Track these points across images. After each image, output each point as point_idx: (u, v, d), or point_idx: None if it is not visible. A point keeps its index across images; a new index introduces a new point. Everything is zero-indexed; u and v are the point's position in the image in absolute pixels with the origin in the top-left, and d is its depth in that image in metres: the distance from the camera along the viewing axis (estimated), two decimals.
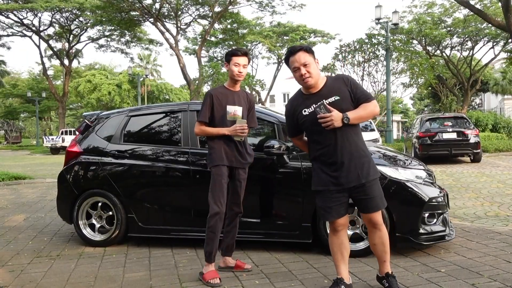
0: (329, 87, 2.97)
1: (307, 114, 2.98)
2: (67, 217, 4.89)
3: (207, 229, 3.58)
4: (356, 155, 2.92)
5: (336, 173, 2.92)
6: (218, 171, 3.59)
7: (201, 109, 3.65)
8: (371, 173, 2.94)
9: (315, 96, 2.97)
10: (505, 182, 8.84)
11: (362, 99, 2.94)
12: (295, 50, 2.98)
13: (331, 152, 2.93)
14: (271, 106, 54.96)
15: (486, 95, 47.75)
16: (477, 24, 27.97)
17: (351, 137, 2.93)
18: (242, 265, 3.75)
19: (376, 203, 2.97)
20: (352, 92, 2.94)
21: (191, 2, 29.46)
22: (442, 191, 4.23)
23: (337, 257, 3.08)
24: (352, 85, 2.96)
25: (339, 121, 2.84)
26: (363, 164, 2.93)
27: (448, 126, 13.39)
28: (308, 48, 3.00)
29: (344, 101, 2.92)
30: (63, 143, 28.04)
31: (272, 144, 4.12)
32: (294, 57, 2.96)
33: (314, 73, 2.94)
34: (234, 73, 3.63)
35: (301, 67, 2.93)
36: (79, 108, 57.12)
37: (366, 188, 2.93)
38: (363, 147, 2.98)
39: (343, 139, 2.90)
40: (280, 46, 38.36)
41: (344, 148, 2.90)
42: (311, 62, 2.95)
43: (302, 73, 2.92)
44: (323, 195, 3.00)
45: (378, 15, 19.64)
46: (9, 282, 3.65)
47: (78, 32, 37.88)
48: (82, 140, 5.00)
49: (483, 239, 4.47)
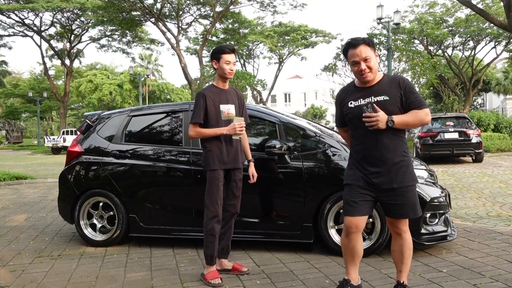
0: (382, 85, 2.83)
1: (352, 107, 2.85)
2: (68, 217, 4.89)
3: (206, 232, 3.54)
4: (394, 160, 2.78)
5: (371, 173, 2.81)
6: (215, 175, 3.54)
7: (194, 111, 3.55)
8: (406, 179, 2.79)
9: (365, 90, 2.84)
10: (507, 182, 8.82)
11: (414, 105, 2.77)
12: (356, 42, 2.78)
13: (368, 151, 2.81)
14: (273, 106, 54.98)
15: (488, 95, 47.68)
16: (479, 24, 27.91)
17: (392, 140, 2.79)
18: (240, 267, 3.69)
19: (405, 211, 2.82)
20: (404, 96, 2.78)
21: (192, 2, 29.47)
22: (443, 191, 4.22)
23: (346, 258, 2.98)
24: (406, 89, 2.79)
25: (384, 123, 2.71)
26: (399, 168, 2.79)
27: (450, 126, 13.37)
28: (370, 42, 2.82)
29: (392, 103, 2.77)
30: (64, 143, 28.02)
31: (273, 144, 4.12)
32: (355, 50, 2.78)
33: (374, 69, 2.80)
34: (226, 71, 3.55)
35: (361, 61, 2.76)
36: (80, 108, 57.19)
37: (397, 193, 2.79)
38: (404, 153, 2.83)
39: (383, 141, 2.77)
40: (281, 46, 38.36)
41: (383, 151, 2.78)
42: (372, 56, 2.79)
43: (362, 68, 2.77)
44: (350, 188, 2.87)
45: (379, 14, 19.60)
46: (10, 282, 3.65)
47: (80, 32, 37.92)
48: (83, 140, 5.00)
49: (485, 239, 4.46)
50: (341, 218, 4.10)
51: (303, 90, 60.32)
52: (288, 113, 5.09)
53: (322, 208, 4.07)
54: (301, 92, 60.54)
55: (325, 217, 4.06)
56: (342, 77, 24.86)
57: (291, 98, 61.36)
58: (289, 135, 4.35)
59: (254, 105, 5.03)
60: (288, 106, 58.49)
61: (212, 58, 3.64)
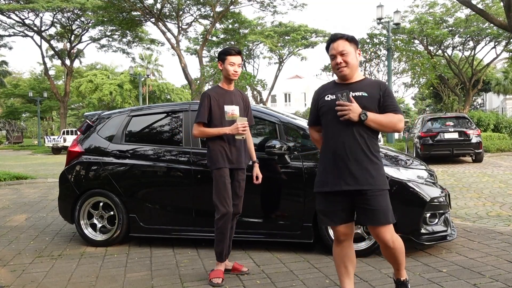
0: (363, 84, 2.79)
1: (328, 100, 2.79)
2: (68, 217, 4.89)
3: (216, 230, 3.56)
4: (365, 159, 2.67)
5: (340, 173, 2.68)
6: (221, 173, 3.56)
7: (199, 110, 3.59)
8: (377, 183, 2.67)
9: (344, 86, 2.79)
10: (507, 182, 8.82)
11: (389, 108, 2.74)
12: (336, 37, 2.80)
13: (338, 147, 2.70)
14: (273, 106, 54.99)
15: (488, 95, 47.69)
16: (479, 24, 27.93)
17: (363, 138, 2.69)
18: (240, 267, 3.71)
19: (377, 217, 2.66)
20: (383, 98, 2.75)
21: (192, 2, 29.48)
22: (443, 191, 4.22)
23: (340, 271, 2.82)
24: (386, 92, 2.77)
25: (357, 114, 2.62)
26: (371, 170, 2.67)
27: (450, 126, 13.37)
28: (350, 38, 2.79)
29: (369, 101, 2.72)
30: (65, 143, 28.05)
31: (273, 144, 4.12)
32: (333, 44, 2.78)
33: (351, 64, 2.75)
34: (230, 72, 3.61)
35: (337, 55, 2.75)
36: (80, 108, 57.21)
37: (369, 197, 2.65)
38: (375, 154, 2.73)
39: (354, 137, 2.67)
40: (281, 46, 38.36)
41: (352, 147, 2.67)
42: (350, 52, 2.76)
43: (338, 61, 2.75)
44: (323, 197, 2.76)
45: (379, 15, 19.61)
46: (10, 282, 3.65)
47: (80, 32, 37.95)
48: (84, 140, 5.01)
49: (484, 239, 4.47)
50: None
51: (303, 90, 60.30)
52: (288, 113, 5.09)
53: None
54: (301, 92, 60.53)
55: None
56: None
57: (291, 98, 61.37)
58: (289, 135, 4.36)
59: (254, 105, 5.03)
60: (288, 106, 58.49)
61: (218, 59, 3.72)
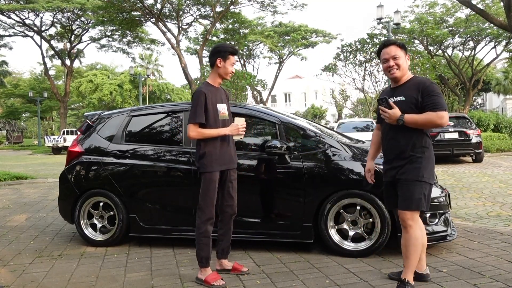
0: (406, 86, 3.12)
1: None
2: (68, 217, 4.90)
3: (200, 234, 3.46)
4: (401, 155, 3.06)
5: (385, 165, 3.21)
6: (212, 177, 3.45)
7: (195, 110, 3.38)
8: (408, 173, 3.03)
9: (395, 90, 3.17)
10: (507, 182, 8.82)
11: (428, 107, 2.99)
12: (388, 43, 3.19)
13: (384, 143, 3.22)
14: (273, 106, 54.98)
15: (488, 95, 47.68)
16: (479, 24, 27.91)
17: (403, 137, 3.05)
18: (240, 267, 3.67)
19: (407, 203, 3.02)
20: (422, 98, 3.01)
21: (192, 2, 29.47)
22: (443, 191, 4.22)
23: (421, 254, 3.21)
24: (424, 92, 3.01)
25: (394, 120, 3.02)
26: (406, 164, 3.04)
27: (450, 126, 13.35)
28: (402, 44, 3.17)
29: (406, 104, 3.04)
30: (65, 143, 28.02)
31: (273, 144, 4.12)
32: (386, 49, 3.14)
33: (402, 67, 3.11)
34: (229, 72, 3.52)
35: (390, 59, 3.11)
36: (80, 108, 57.20)
37: (400, 185, 3.05)
38: (415, 151, 3.04)
39: (394, 136, 3.10)
40: (281, 46, 38.35)
41: (392, 144, 3.12)
42: (401, 56, 3.12)
43: (390, 64, 3.11)
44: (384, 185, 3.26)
45: (379, 15, 19.62)
46: (10, 282, 3.66)
47: (80, 32, 37.91)
48: (84, 140, 5.01)
49: (485, 239, 4.47)
50: (341, 218, 4.11)
51: (303, 90, 60.31)
52: (288, 113, 5.09)
53: (322, 208, 4.07)
54: (301, 92, 60.52)
55: (325, 217, 4.06)
56: (342, 77, 24.88)
57: (291, 98, 61.34)
58: (289, 135, 4.35)
59: (254, 105, 5.03)
60: (288, 106, 58.47)
61: (216, 55, 3.48)
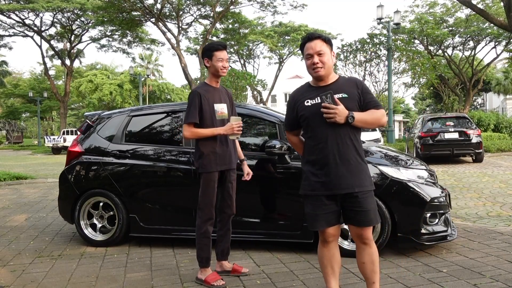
0: (339, 84, 2.76)
1: (308, 105, 2.74)
2: (68, 217, 4.89)
3: (200, 235, 3.46)
4: (351, 161, 2.67)
5: (327, 176, 2.66)
6: (211, 177, 3.44)
7: (189, 110, 3.40)
8: (366, 184, 2.69)
9: (322, 89, 2.73)
10: (507, 182, 8.82)
11: (371, 105, 2.74)
12: (312, 36, 2.77)
13: (324, 151, 2.67)
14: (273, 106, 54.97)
15: (488, 95, 47.70)
16: (479, 24, 27.95)
17: (349, 139, 2.68)
18: (240, 269, 3.66)
19: (369, 218, 2.68)
20: (362, 95, 2.74)
21: (192, 2, 29.50)
22: (444, 191, 4.22)
23: (327, 271, 2.81)
24: (363, 89, 2.77)
25: (343, 117, 2.60)
26: (359, 172, 2.68)
27: (450, 126, 13.36)
28: (327, 38, 2.79)
29: (351, 101, 2.70)
30: (65, 143, 28.05)
31: (273, 144, 4.12)
32: (310, 43, 2.75)
33: (327, 64, 2.73)
34: (219, 68, 3.46)
35: (314, 55, 2.72)
36: (80, 108, 57.21)
37: (359, 199, 2.65)
38: (361, 155, 2.73)
39: (340, 140, 2.66)
40: (281, 46, 38.36)
41: (339, 149, 2.66)
42: (327, 52, 2.74)
43: (315, 61, 2.71)
44: (312, 201, 2.74)
45: (379, 14, 19.62)
46: (10, 282, 3.65)
47: (80, 32, 37.94)
48: (84, 140, 5.01)
49: (485, 239, 4.46)
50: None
51: None
52: None
53: None
54: None
55: None
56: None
57: None
58: None
59: (254, 105, 5.03)
60: None
61: (203, 56, 3.52)
